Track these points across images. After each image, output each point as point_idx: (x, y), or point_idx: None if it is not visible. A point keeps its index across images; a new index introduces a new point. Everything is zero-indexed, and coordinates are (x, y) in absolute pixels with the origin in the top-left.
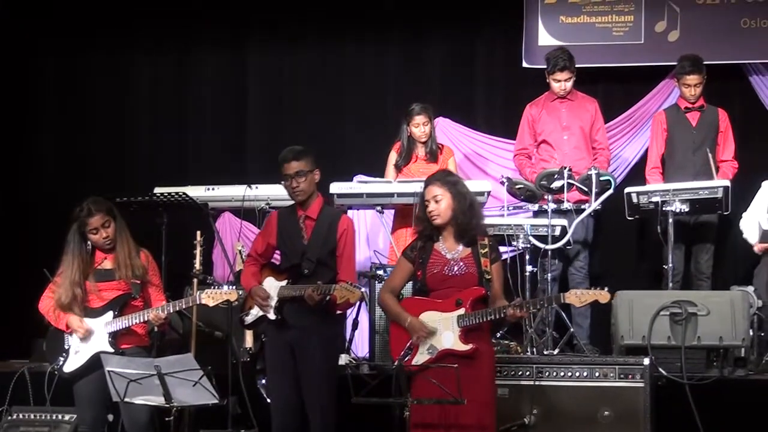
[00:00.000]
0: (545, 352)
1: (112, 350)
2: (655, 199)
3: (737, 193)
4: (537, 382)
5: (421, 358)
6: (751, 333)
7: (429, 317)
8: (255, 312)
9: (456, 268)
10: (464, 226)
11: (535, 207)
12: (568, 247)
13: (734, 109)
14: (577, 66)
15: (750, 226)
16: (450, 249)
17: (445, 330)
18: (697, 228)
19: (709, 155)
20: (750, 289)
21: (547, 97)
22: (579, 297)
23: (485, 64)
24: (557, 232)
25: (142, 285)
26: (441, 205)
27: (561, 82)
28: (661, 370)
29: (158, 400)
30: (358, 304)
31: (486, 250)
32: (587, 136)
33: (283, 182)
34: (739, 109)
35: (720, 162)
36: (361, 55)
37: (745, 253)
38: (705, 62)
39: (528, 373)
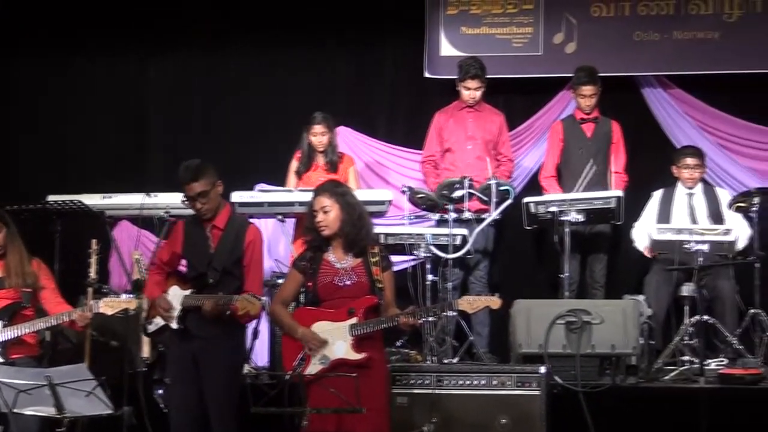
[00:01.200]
0: (445, 361)
1: (1, 360)
2: (552, 208)
3: (629, 203)
4: (436, 391)
5: (313, 368)
6: (642, 341)
7: (321, 327)
8: (158, 321)
9: (347, 278)
10: (352, 237)
11: (437, 216)
12: (469, 257)
13: (627, 120)
14: None
15: (641, 235)
16: (340, 259)
17: (337, 339)
18: (591, 238)
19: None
20: (641, 298)
21: (456, 105)
22: (471, 303)
23: (388, 73)
24: (458, 242)
25: (33, 293)
26: (329, 216)
27: (471, 91)
28: (556, 378)
29: (49, 411)
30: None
31: (377, 258)
32: (490, 147)
33: (184, 202)
34: (631, 120)
35: (612, 173)
36: (264, 62)
37: (637, 263)
38: (600, 74)
39: (427, 381)
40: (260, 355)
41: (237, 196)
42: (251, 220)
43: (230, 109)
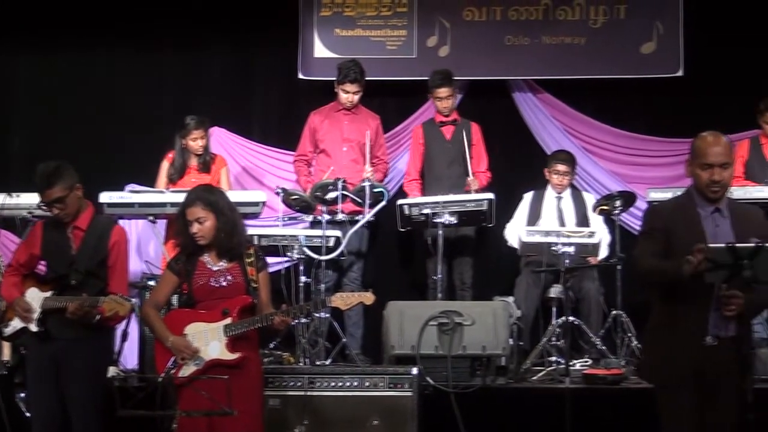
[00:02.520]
0: (317, 363)
1: None
2: (425, 211)
3: (501, 205)
4: (308, 393)
5: (187, 369)
6: (511, 342)
7: (195, 328)
8: (15, 324)
9: (222, 279)
10: (227, 245)
11: (310, 218)
12: (342, 258)
13: (498, 124)
14: None
15: (513, 235)
16: (215, 262)
17: (212, 340)
18: (456, 241)
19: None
20: (510, 299)
21: (333, 107)
22: (344, 300)
23: (262, 74)
24: (331, 243)
25: None
26: (205, 226)
27: (349, 94)
28: (428, 379)
29: None
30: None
31: (252, 259)
32: (365, 150)
33: (41, 206)
34: (503, 124)
35: (475, 173)
36: (136, 60)
37: (507, 265)
38: (473, 78)
39: (300, 383)
40: (129, 357)
41: (106, 197)
42: (119, 221)
43: (99, 108)
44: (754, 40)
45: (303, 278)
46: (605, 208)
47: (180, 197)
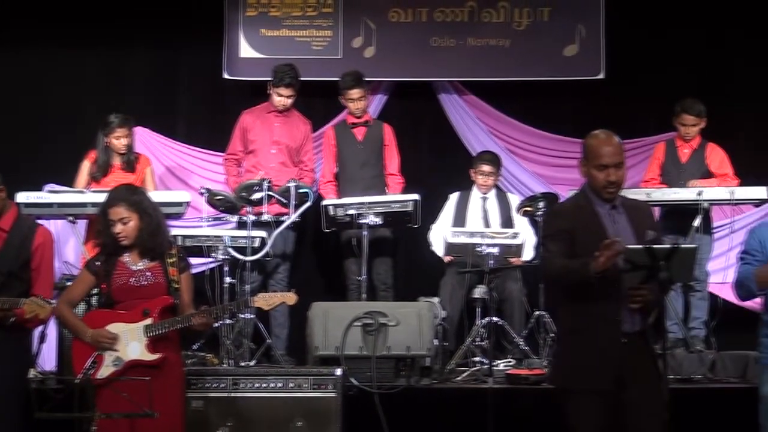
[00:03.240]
0: (242, 364)
1: None
2: (351, 211)
3: (427, 206)
4: (232, 394)
5: (106, 371)
6: (436, 342)
7: (114, 329)
8: None
9: (143, 279)
10: (150, 246)
11: (235, 218)
12: (267, 259)
13: (424, 125)
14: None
15: (437, 238)
16: (135, 261)
17: (132, 340)
18: (375, 242)
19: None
20: (435, 300)
21: (265, 107)
22: (267, 300)
23: (187, 74)
24: (257, 244)
25: None
26: (128, 226)
27: (283, 98)
28: (353, 380)
29: None
30: None
31: (174, 259)
32: (293, 154)
33: None
34: (429, 125)
35: (387, 175)
36: (58, 57)
37: (432, 265)
38: (399, 79)
39: (223, 384)
40: (47, 359)
41: (23, 197)
42: (40, 222)
43: (18, 106)
44: (673, 44)
45: (228, 279)
46: (529, 209)
47: (100, 197)
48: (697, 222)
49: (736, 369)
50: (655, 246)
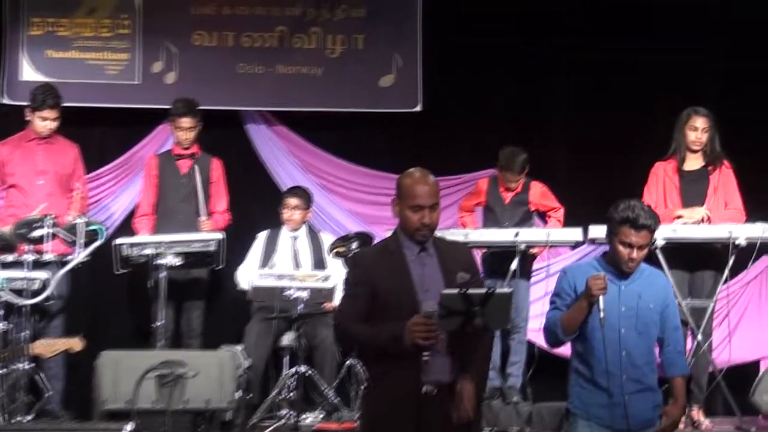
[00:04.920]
0: (18, 419)
1: None
2: (147, 251)
3: (235, 245)
4: None
5: None
6: (239, 395)
7: None
8: None
9: None
10: None
11: (11, 258)
12: (49, 303)
13: (232, 157)
14: (65, 105)
15: (245, 278)
16: None
17: None
18: (187, 284)
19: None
20: (239, 348)
21: (23, 136)
22: (49, 347)
23: None
24: (37, 286)
25: None
26: None
27: (48, 121)
28: None
29: None
30: None
31: None
32: (64, 182)
33: None
34: (237, 158)
35: (213, 212)
36: None
37: (237, 311)
38: (202, 107)
39: None
40: None
41: None
42: None
43: None
44: (489, 76)
45: (1, 325)
46: (341, 250)
47: None
48: (514, 265)
49: (552, 421)
50: (470, 291)
